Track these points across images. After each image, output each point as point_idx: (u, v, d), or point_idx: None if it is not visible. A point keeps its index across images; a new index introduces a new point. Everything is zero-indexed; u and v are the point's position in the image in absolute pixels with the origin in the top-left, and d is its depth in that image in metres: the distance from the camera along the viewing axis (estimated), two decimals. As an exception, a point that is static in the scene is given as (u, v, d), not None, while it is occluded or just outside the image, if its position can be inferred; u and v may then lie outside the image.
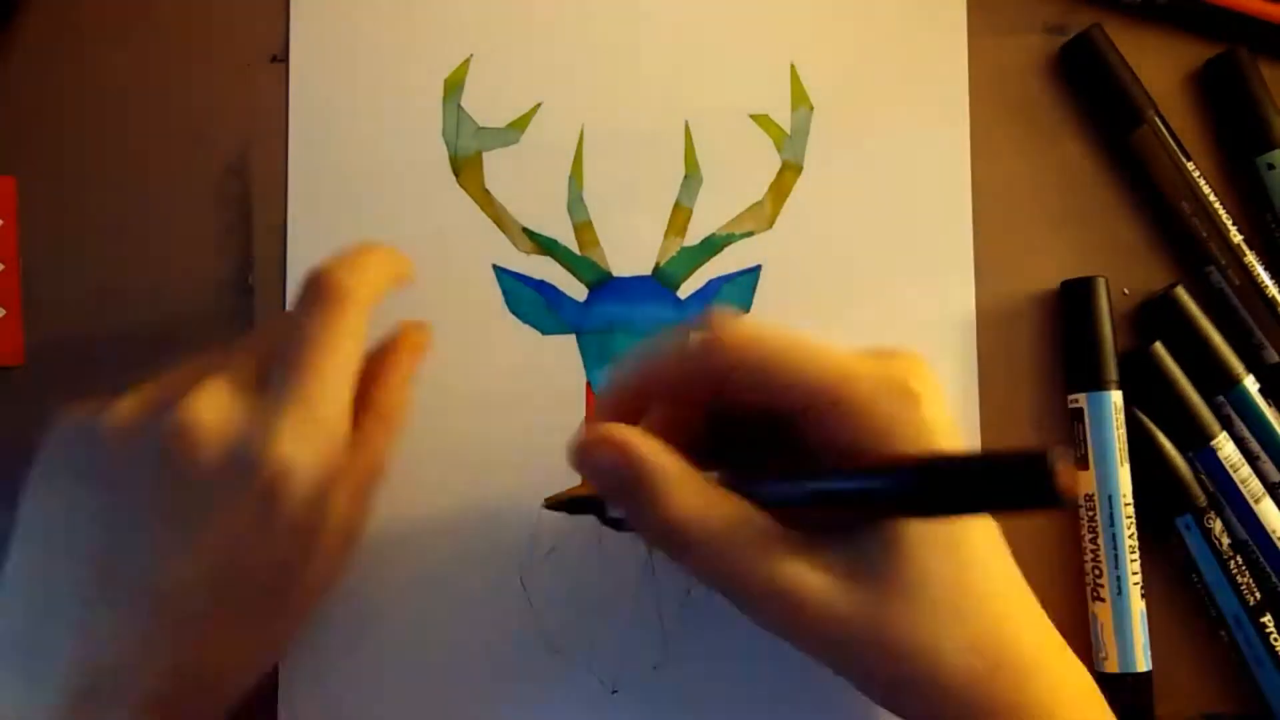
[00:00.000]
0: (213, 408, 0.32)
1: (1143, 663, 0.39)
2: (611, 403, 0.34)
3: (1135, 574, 0.40)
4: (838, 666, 0.32)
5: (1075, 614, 0.41)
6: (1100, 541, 0.40)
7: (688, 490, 0.31)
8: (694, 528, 0.30)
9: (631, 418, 0.33)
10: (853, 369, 0.31)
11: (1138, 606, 0.39)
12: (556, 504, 0.37)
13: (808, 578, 0.30)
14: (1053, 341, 0.42)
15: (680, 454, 0.31)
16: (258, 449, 0.31)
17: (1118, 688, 0.39)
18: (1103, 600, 0.40)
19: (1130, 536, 0.40)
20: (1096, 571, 0.40)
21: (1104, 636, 0.40)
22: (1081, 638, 0.40)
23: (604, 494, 0.33)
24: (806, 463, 0.32)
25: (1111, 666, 0.39)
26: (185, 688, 0.32)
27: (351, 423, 0.33)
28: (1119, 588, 0.39)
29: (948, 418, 0.32)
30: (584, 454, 0.31)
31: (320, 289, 0.34)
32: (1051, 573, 0.41)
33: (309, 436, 0.31)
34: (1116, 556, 0.39)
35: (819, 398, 0.31)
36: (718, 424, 0.34)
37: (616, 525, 0.36)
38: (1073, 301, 0.41)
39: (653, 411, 0.34)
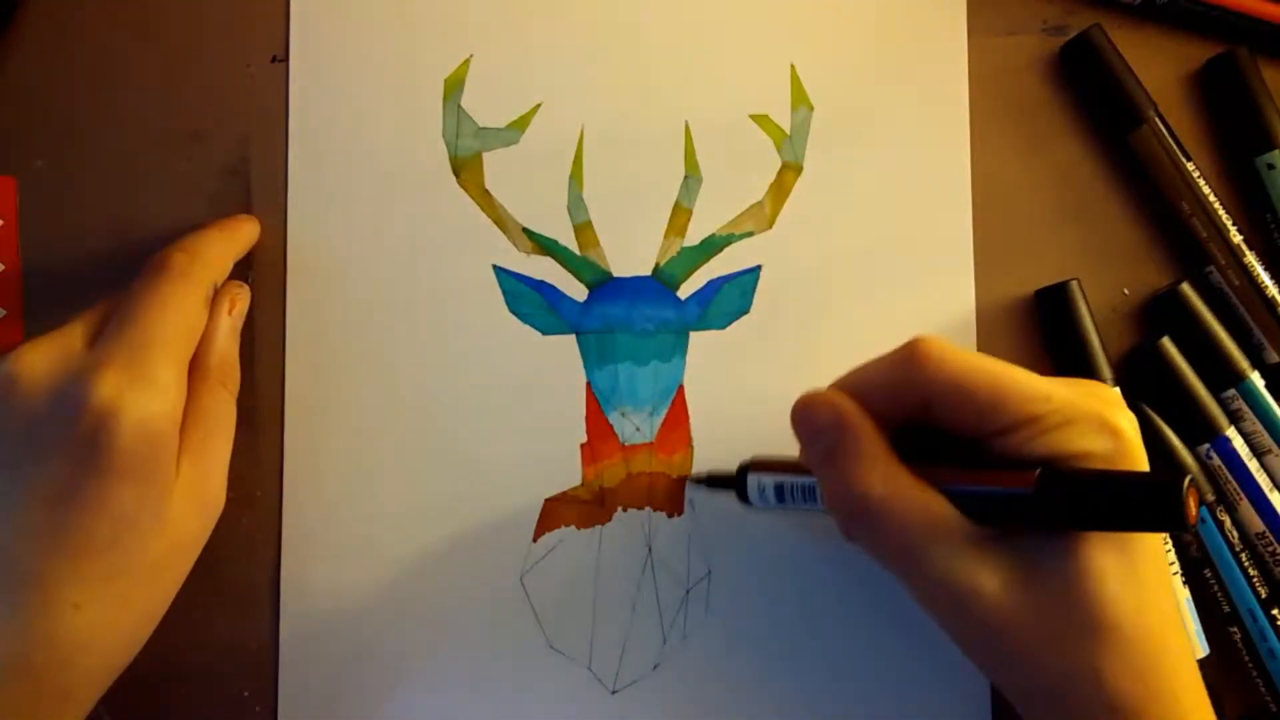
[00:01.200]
0: (40, 358, 0.33)
1: (1198, 649, 0.40)
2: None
3: (1172, 564, 0.40)
4: (991, 667, 0.33)
5: None
6: None
7: (886, 467, 0.32)
8: (884, 503, 0.31)
9: None
10: (1048, 393, 0.31)
11: (1182, 595, 0.40)
12: (699, 479, 0.40)
13: (981, 576, 0.31)
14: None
15: (884, 437, 0.32)
16: (82, 391, 0.32)
17: None
18: None
19: None
20: None
21: None
22: None
23: (808, 454, 0.34)
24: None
25: None
26: (45, 655, 0.31)
27: (185, 382, 0.35)
28: None
29: (1140, 449, 0.32)
30: (806, 409, 0.33)
31: (155, 265, 0.36)
32: None
33: (133, 381, 0.33)
34: None
35: (1014, 420, 0.31)
36: (922, 437, 0.34)
37: (750, 503, 0.37)
38: (1051, 308, 0.41)
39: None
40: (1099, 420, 0.31)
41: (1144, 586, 0.31)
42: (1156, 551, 0.32)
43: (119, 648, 0.34)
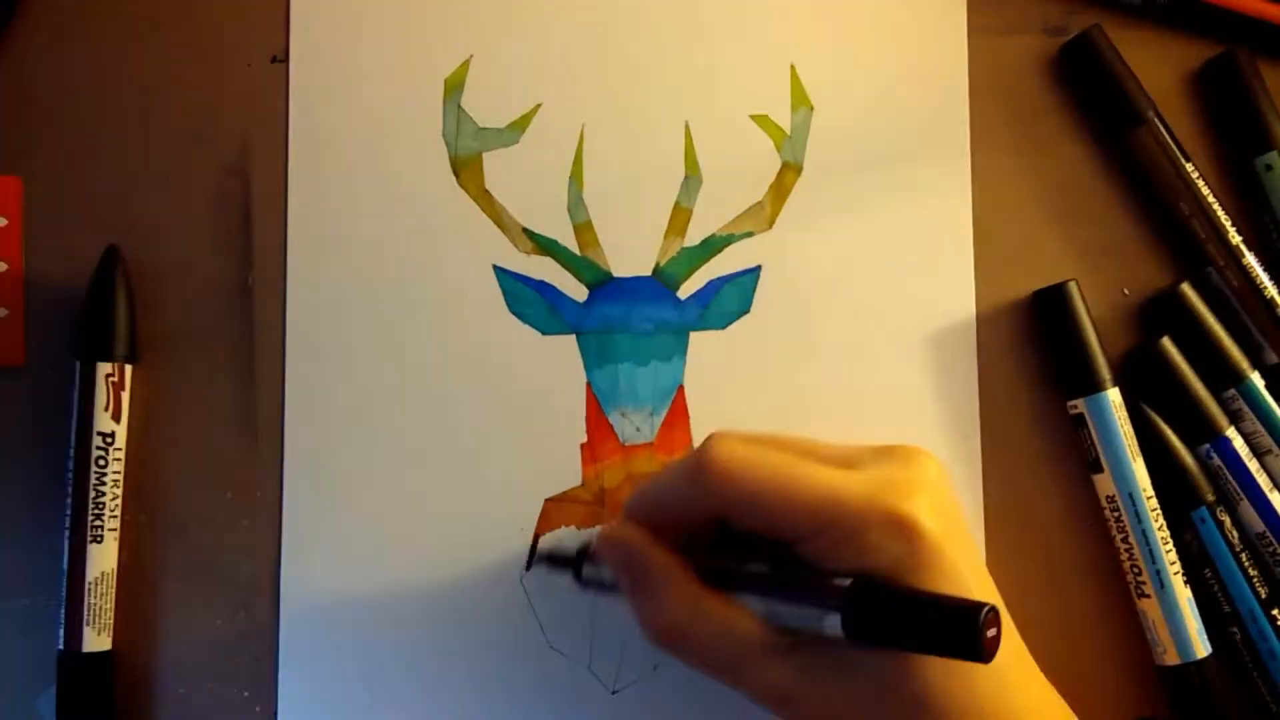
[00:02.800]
0: None
1: (1201, 649, 0.39)
2: (629, 511, 0.35)
3: (1173, 563, 0.40)
4: None
5: (1125, 615, 0.41)
6: (1132, 540, 0.40)
7: (686, 595, 0.33)
8: (688, 630, 0.33)
9: (653, 529, 0.34)
10: (838, 496, 0.31)
11: (1184, 595, 0.40)
12: (542, 556, 0.40)
13: (794, 683, 0.32)
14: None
15: (681, 562, 0.33)
16: None
17: (1182, 680, 0.40)
18: (1148, 596, 0.40)
19: (1160, 529, 0.40)
20: (1135, 569, 0.40)
21: (1157, 632, 0.40)
22: (1136, 637, 0.41)
23: (620, 582, 0.35)
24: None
25: (1172, 659, 0.40)
26: None
27: None
28: (1160, 581, 0.39)
29: (946, 547, 0.31)
30: (604, 545, 0.35)
31: None
32: (1092, 579, 0.41)
33: None
34: (1151, 551, 0.40)
35: (805, 528, 0.31)
36: (735, 535, 0.34)
37: (585, 586, 0.38)
38: (1049, 309, 0.41)
39: (664, 527, 0.35)
40: (893, 521, 0.31)
41: (968, 673, 0.31)
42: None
43: None
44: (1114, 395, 0.40)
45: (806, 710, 0.32)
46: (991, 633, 0.28)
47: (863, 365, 0.42)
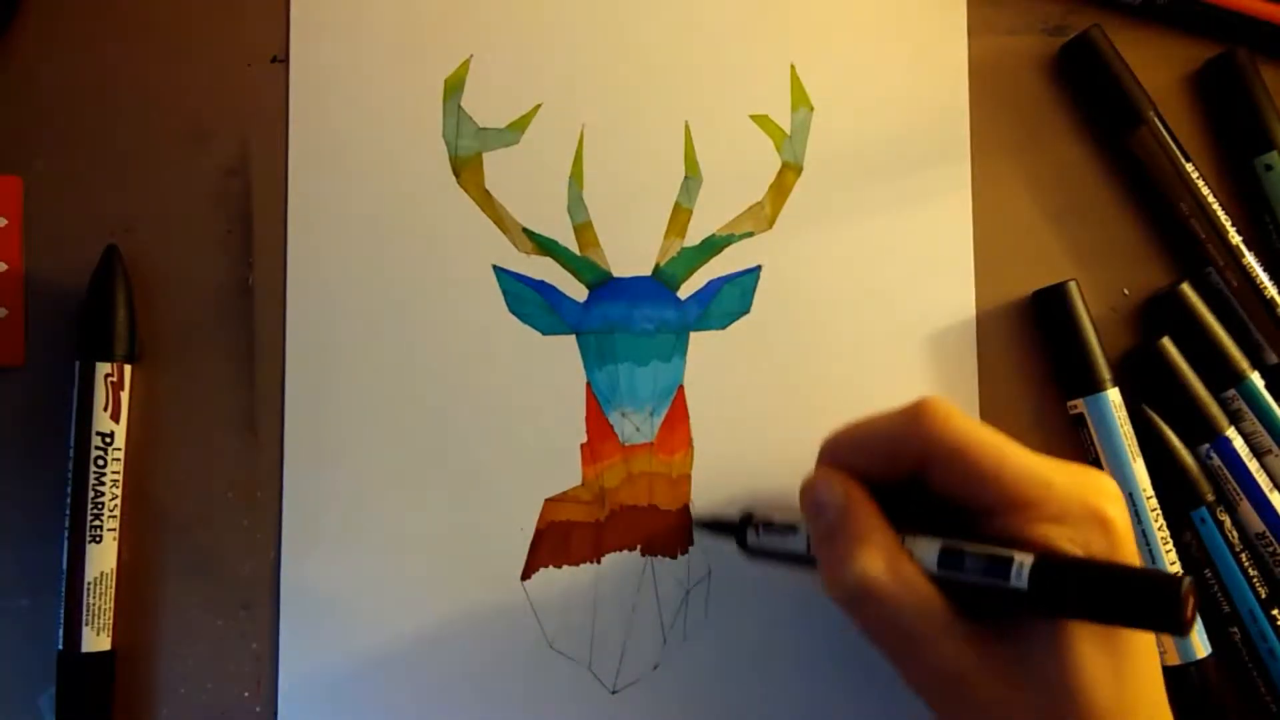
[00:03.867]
0: None
1: (1201, 649, 0.39)
2: (829, 453, 0.35)
3: (1173, 564, 0.40)
4: None
5: None
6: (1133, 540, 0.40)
7: (889, 552, 0.32)
8: (883, 589, 0.32)
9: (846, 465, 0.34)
10: (1050, 479, 0.31)
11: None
12: (702, 522, 0.40)
13: (970, 666, 0.31)
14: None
15: (886, 519, 0.33)
16: None
17: (1183, 680, 0.39)
18: None
19: (1160, 529, 0.40)
20: None
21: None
22: None
23: (811, 530, 0.34)
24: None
25: (1172, 659, 0.40)
26: None
27: None
28: None
29: (1135, 552, 0.32)
30: (812, 488, 0.34)
31: None
32: None
33: None
34: (1151, 552, 0.40)
35: (1010, 500, 0.31)
36: (922, 498, 0.34)
37: (751, 553, 0.37)
38: (1048, 310, 0.41)
39: (857, 469, 0.34)
40: (1096, 515, 0.31)
41: (1130, 679, 0.31)
42: (1147, 645, 0.32)
43: None
44: (1114, 395, 0.40)
45: (973, 696, 0.31)
46: (1192, 603, 0.28)
47: (863, 365, 0.42)
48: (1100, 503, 0.31)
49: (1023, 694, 0.31)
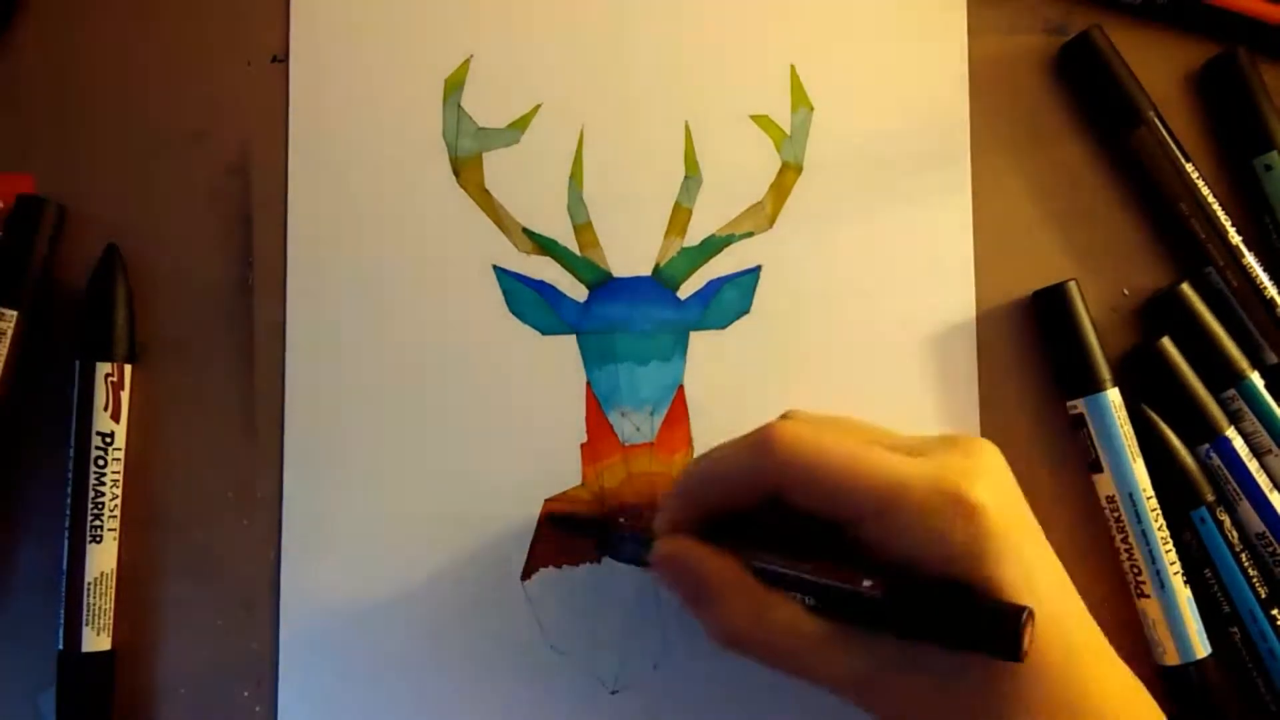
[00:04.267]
0: None
1: (1200, 648, 0.39)
2: (679, 500, 0.35)
3: (1173, 563, 0.40)
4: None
5: (1125, 615, 0.41)
6: (1132, 540, 0.40)
7: (743, 607, 0.33)
8: (752, 635, 0.33)
9: (700, 507, 0.35)
10: (904, 479, 0.31)
11: (1184, 595, 0.40)
12: (556, 518, 0.39)
13: (864, 669, 0.32)
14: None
15: (736, 564, 0.33)
16: None
17: (1182, 680, 0.40)
18: (1148, 596, 0.40)
19: (1160, 529, 0.40)
20: (1135, 570, 0.40)
21: (1157, 632, 0.40)
22: (1135, 637, 0.40)
23: (680, 597, 0.35)
24: (860, 563, 0.32)
25: (1172, 659, 0.40)
26: None
27: None
28: (1160, 581, 0.39)
29: (1003, 525, 0.31)
30: (663, 564, 0.34)
31: None
32: (1092, 579, 0.41)
33: None
34: (1151, 552, 0.40)
35: (868, 509, 0.32)
36: (784, 516, 0.34)
37: (615, 556, 0.38)
38: (1048, 310, 0.41)
39: (714, 504, 0.35)
40: (958, 503, 0.31)
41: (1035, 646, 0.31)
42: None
43: None
44: (1114, 395, 0.40)
45: (883, 695, 0.32)
46: (1028, 635, 0.29)
47: (863, 365, 0.42)
48: (963, 487, 0.31)
49: (924, 688, 0.31)
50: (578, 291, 0.41)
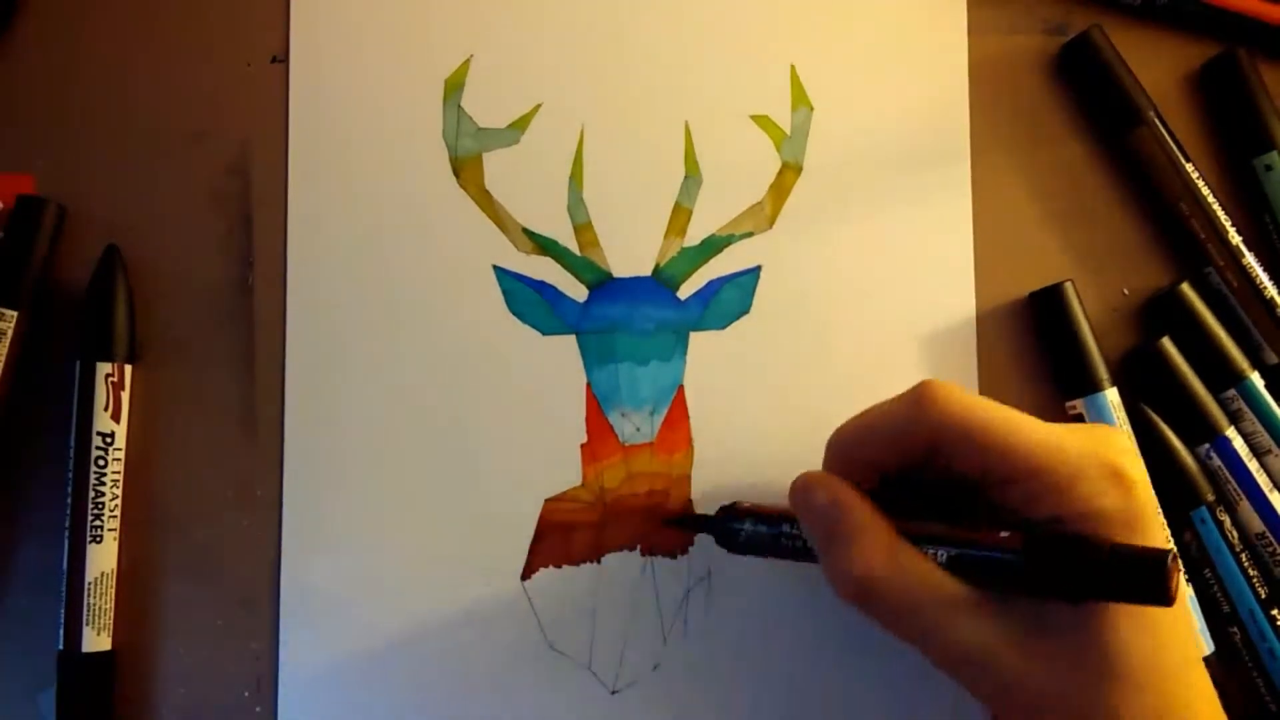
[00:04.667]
0: None
1: (1203, 648, 0.40)
2: (835, 448, 0.35)
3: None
4: (1010, 717, 0.32)
5: None
6: None
7: (886, 545, 0.32)
8: (886, 582, 0.32)
9: (850, 465, 0.34)
10: (1062, 443, 0.31)
11: (1185, 594, 0.40)
12: (675, 521, 0.39)
13: (988, 640, 0.31)
14: (1052, 341, 0.42)
15: (882, 510, 0.33)
16: None
17: None
18: None
19: (1162, 528, 0.40)
20: None
21: None
22: None
23: (809, 533, 0.34)
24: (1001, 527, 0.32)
25: None
26: None
27: None
28: None
29: (1152, 501, 0.32)
30: (803, 491, 0.34)
31: None
32: None
33: None
34: None
35: (1024, 469, 0.31)
36: (932, 481, 0.34)
37: (731, 548, 0.37)
38: (1045, 310, 0.41)
39: (866, 461, 0.34)
40: (1112, 472, 0.31)
41: (1156, 629, 0.31)
42: (1179, 607, 0.32)
43: None
44: (1112, 395, 0.40)
45: (999, 669, 0.31)
46: (1178, 575, 0.29)
47: (863, 365, 0.42)
48: (1114, 457, 0.31)
49: (1051, 663, 0.31)
50: (578, 291, 0.41)
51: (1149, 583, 0.29)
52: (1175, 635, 0.32)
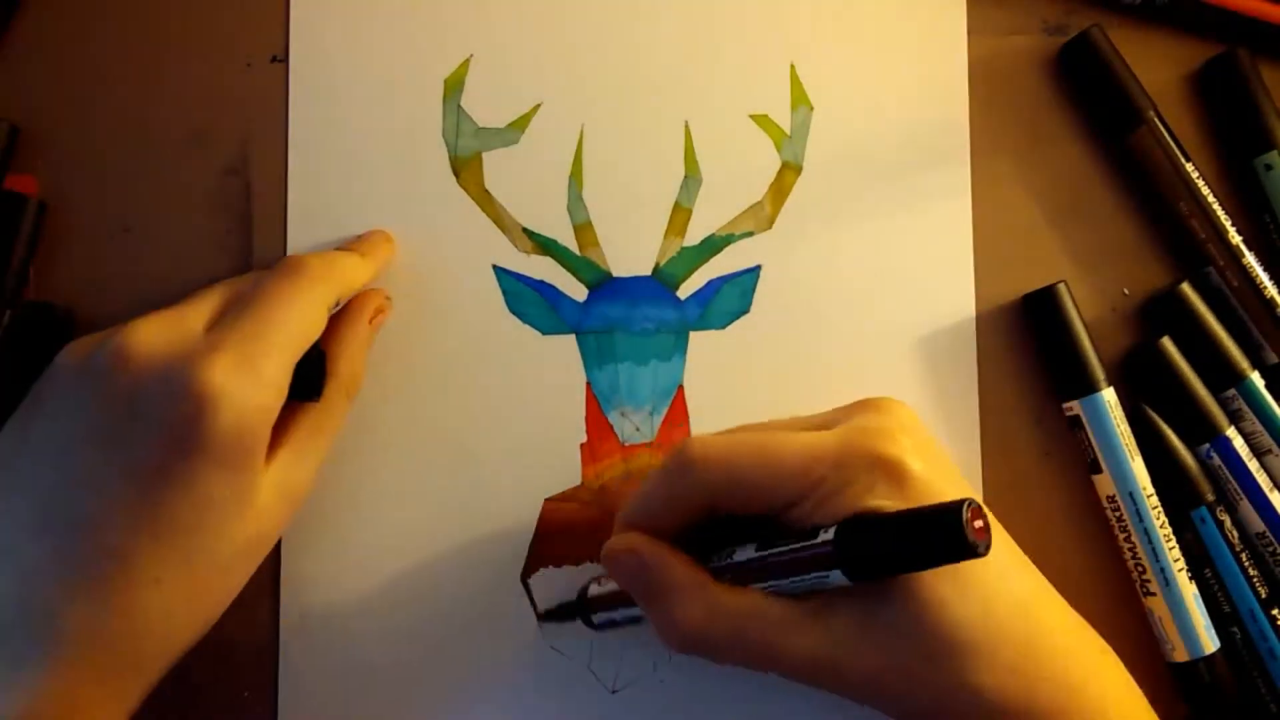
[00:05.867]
0: (153, 333, 0.33)
1: (1209, 644, 0.39)
2: (626, 527, 0.35)
3: (1177, 560, 0.40)
4: (881, 709, 0.33)
5: (1131, 613, 0.41)
6: (1135, 539, 0.40)
7: (696, 599, 0.33)
8: (710, 628, 0.32)
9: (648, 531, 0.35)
10: (818, 454, 0.32)
11: (1189, 591, 0.40)
12: (550, 615, 0.40)
13: (826, 646, 0.31)
14: (1052, 341, 0.42)
15: (690, 561, 0.33)
16: (190, 374, 0.32)
17: (1192, 676, 0.40)
18: (1154, 594, 0.40)
19: (1162, 526, 0.40)
20: (1140, 568, 0.40)
21: (1165, 629, 0.40)
22: (1143, 635, 0.41)
23: (632, 595, 0.35)
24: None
25: (1180, 655, 0.40)
26: (122, 625, 0.32)
27: (288, 379, 0.34)
28: (1165, 579, 0.39)
29: (939, 475, 0.32)
30: (609, 561, 0.34)
31: (291, 264, 0.36)
32: (1098, 579, 0.41)
33: (242, 372, 0.32)
34: (1154, 550, 0.40)
35: (793, 492, 0.32)
36: (731, 518, 0.34)
37: (603, 628, 0.38)
38: (1039, 312, 0.41)
39: (657, 529, 0.35)
40: (877, 463, 0.31)
41: (985, 591, 0.31)
42: (997, 571, 0.32)
43: (191, 625, 0.34)
44: (1109, 395, 0.40)
45: (844, 671, 0.32)
46: (979, 524, 0.28)
47: (863, 365, 0.42)
48: (880, 448, 0.31)
49: (892, 652, 0.31)
50: (578, 291, 0.41)
51: (947, 538, 0.28)
52: (1003, 585, 0.32)
